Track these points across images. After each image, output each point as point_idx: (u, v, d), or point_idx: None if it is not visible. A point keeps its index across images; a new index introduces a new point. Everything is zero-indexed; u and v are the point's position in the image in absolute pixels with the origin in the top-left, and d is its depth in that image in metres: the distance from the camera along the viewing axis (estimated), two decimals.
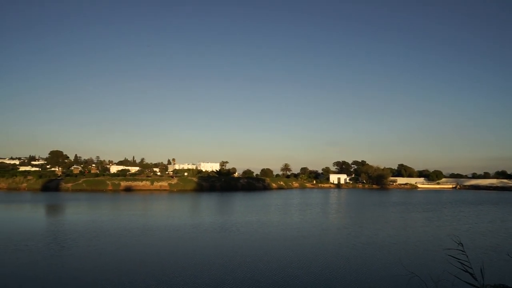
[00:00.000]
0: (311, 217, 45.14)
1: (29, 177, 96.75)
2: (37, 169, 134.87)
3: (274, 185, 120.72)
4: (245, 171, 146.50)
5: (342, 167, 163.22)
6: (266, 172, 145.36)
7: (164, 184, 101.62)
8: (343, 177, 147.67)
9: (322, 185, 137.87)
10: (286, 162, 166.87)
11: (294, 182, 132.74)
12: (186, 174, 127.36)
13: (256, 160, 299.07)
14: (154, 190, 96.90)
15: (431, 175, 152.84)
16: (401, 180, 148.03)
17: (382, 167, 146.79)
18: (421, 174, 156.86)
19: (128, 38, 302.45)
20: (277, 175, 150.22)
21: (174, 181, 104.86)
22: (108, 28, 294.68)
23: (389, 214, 50.74)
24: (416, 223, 41.82)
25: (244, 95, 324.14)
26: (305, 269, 20.32)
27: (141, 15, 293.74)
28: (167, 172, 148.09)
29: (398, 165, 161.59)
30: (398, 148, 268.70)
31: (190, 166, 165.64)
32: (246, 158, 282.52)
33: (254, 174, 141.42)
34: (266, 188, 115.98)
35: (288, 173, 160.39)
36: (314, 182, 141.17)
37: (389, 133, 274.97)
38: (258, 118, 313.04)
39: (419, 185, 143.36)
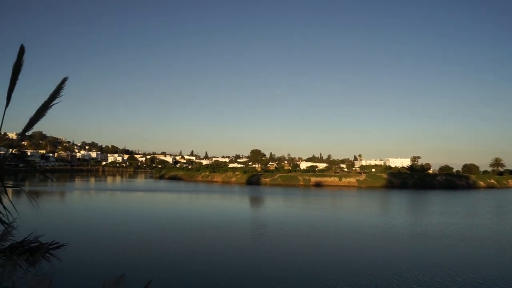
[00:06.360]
0: None
1: (236, 173, 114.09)
2: (242, 165, 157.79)
3: (481, 183, 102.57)
4: (442, 167, 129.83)
5: None
6: (470, 168, 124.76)
7: (352, 180, 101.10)
8: None
9: None
10: (497, 156, 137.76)
11: (510, 180, 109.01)
12: (373, 170, 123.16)
13: (455, 155, 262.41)
14: (342, 186, 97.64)
15: None
16: None
17: None
18: None
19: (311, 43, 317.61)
20: (485, 172, 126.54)
21: (363, 177, 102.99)
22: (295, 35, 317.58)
23: None
24: None
25: (436, 82, 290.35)
26: None
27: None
28: (353, 168, 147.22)
29: None
30: None
31: (377, 162, 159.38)
32: (442, 153, 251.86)
33: (454, 171, 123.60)
34: (471, 186, 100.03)
35: (501, 169, 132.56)
36: None
37: None
38: (453, 107, 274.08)
39: None
